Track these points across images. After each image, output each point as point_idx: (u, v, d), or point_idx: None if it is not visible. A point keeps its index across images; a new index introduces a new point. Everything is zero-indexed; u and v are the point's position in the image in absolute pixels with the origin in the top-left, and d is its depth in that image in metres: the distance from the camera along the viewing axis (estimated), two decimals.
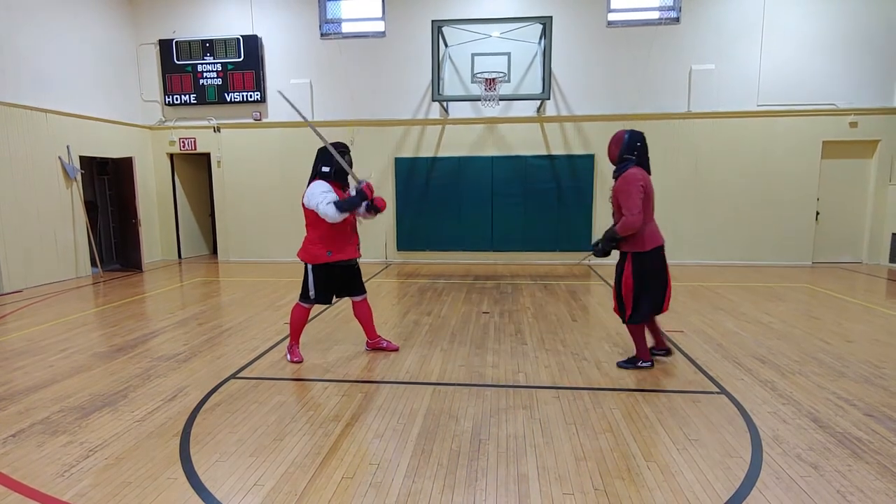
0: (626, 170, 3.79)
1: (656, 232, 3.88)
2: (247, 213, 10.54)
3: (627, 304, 3.88)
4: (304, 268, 4.21)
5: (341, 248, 4.11)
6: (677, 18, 9.36)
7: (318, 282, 4.14)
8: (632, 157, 3.81)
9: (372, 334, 4.62)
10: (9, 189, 7.55)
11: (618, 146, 3.84)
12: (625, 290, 3.87)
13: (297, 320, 4.32)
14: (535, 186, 9.86)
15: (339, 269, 4.22)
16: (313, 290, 4.15)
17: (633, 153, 3.81)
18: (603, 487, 2.49)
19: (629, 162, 3.81)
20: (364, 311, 4.51)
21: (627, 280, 3.84)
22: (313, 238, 4.11)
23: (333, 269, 4.17)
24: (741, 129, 9.42)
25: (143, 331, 5.38)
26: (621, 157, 3.83)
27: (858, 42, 9.03)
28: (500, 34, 9.07)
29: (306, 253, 4.15)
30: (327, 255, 4.08)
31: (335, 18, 10.06)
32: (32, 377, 4.04)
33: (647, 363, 4.06)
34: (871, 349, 4.58)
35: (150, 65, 10.36)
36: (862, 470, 2.62)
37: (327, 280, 4.17)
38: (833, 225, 9.62)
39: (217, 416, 3.31)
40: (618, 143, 3.84)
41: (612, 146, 3.90)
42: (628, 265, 3.84)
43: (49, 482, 2.57)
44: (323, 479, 2.57)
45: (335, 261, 4.11)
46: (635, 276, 3.82)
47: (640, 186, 3.70)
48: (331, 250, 4.08)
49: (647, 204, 3.79)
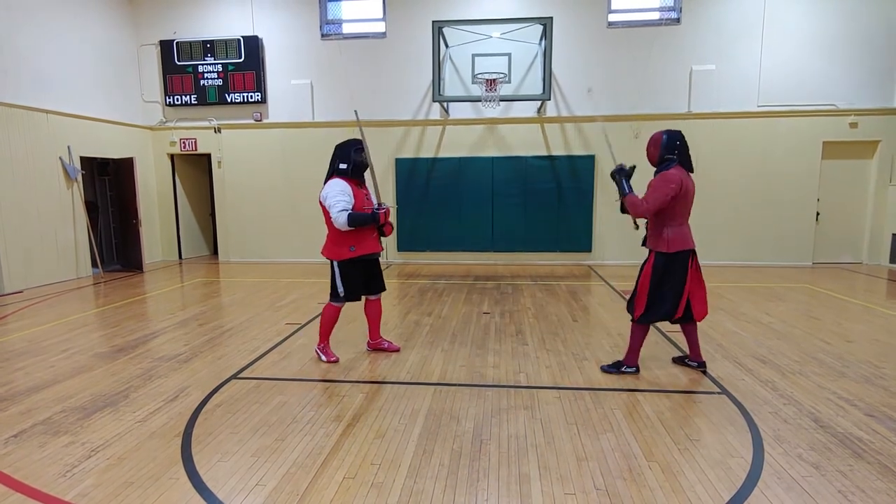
0: (668, 169, 3.71)
1: (687, 236, 3.78)
2: (247, 214, 10.55)
3: (640, 302, 3.81)
4: (329, 266, 4.21)
5: (363, 243, 4.12)
6: (678, 19, 9.37)
7: (344, 278, 4.15)
8: (673, 156, 3.74)
9: (375, 334, 4.63)
10: (9, 189, 7.56)
11: (657, 147, 3.77)
12: (640, 288, 3.81)
13: (328, 320, 4.31)
14: (535, 187, 9.87)
15: (364, 264, 4.23)
16: (342, 288, 4.16)
17: (675, 152, 3.74)
18: (605, 487, 2.49)
19: (671, 161, 3.74)
20: (376, 309, 4.53)
21: (645, 278, 3.78)
22: (335, 236, 4.12)
23: (358, 264, 4.18)
24: (741, 129, 9.43)
25: (144, 331, 5.38)
26: (662, 158, 3.75)
27: (859, 42, 9.04)
28: (501, 35, 9.07)
29: (330, 250, 4.17)
30: (350, 249, 4.10)
31: (336, 19, 10.07)
32: (34, 378, 4.05)
33: (632, 369, 3.99)
34: (871, 349, 4.58)
35: (151, 65, 10.37)
36: (863, 470, 2.62)
37: (353, 276, 4.17)
38: (833, 225, 9.62)
39: (218, 417, 3.31)
40: (656, 144, 3.77)
41: (650, 148, 3.82)
42: (649, 263, 3.78)
43: (51, 482, 2.58)
44: (325, 480, 2.58)
45: (359, 255, 4.12)
46: (654, 275, 3.74)
47: (673, 188, 3.63)
48: (353, 245, 4.09)
49: (682, 205, 3.73)
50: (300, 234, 10.31)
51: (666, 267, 3.72)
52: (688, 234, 3.79)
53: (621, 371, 4.01)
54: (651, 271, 3.75)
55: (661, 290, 3.75)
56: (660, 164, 3.78)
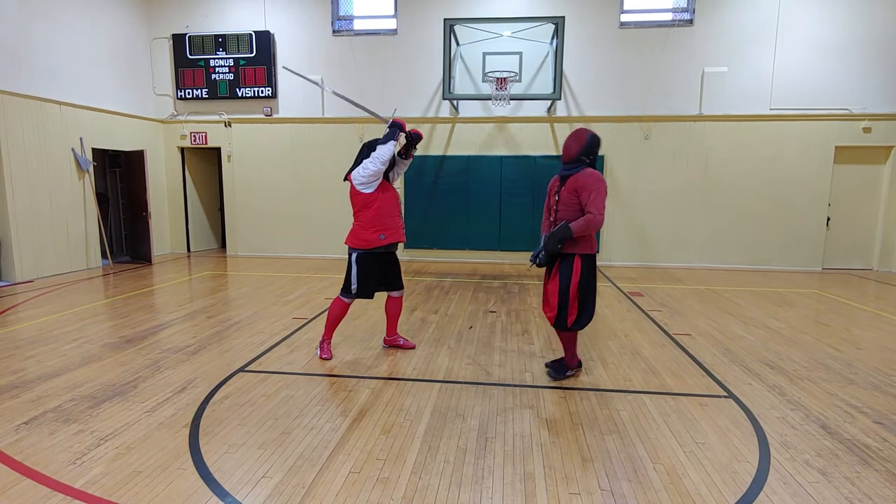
0: (580, 171, 3.56)
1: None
2: (256, 208, 10.59)
3: (573, 309, 3.67)
4: (347, 259, 4.19)
5: (393, 231, 4.11)
6: (691, 20, 9.31)
7: (360, 272, 4.11)
8: (586, 160, 3.59)
9: (392, 331, 4.63)
10: (23, 180, 7.64)
11: (579, 145, 3.57)
12: (572, 294, 3.65)
13: (335, 315, 4.29)
14: (543, 187, 9.83)
15: (384, 258, 4.22)
16: (356, 283, 4.13)
17: (590, 157, 3.60)
18: (609, 488, 2.49)
19: (583, 164, 3.59)
20: (396, 306, 4.52)
21: (575, 283, 3.63)
22: (364, 222, 4.07)
23: (378, 258, 4.16)
24: (753, 132, 9.36)
25: (153, 323, 5.43)
26: (578, 158, 3.58)
27: (873, 47, 8.94)
28: (512, 33, 9.05)
29: (357, 238, 4.10)
30: (380, 238, 4.06)
31: (347, 15, 10.08)
32: (45, 366, 4.10)
33: (574, 369, 3.97)
34: (880, 356, 4.54)
35: (163, 59, 10.43)
36: (871, 477, 2.61)
37: (370, 270, 4.14)
38: (844, 231, 9.54)
39: (226, 409, 3.34)
40: (580, 142, 3.58)
41: (572, 143, 3.60)
42: (577, 267, 3.62)
43: (61, 469, 2.61)
44: (330, 473, 2.59)
45: (388, 244, 4.10)
46: (583, 278, 3.63)
47: (606, 185, 3.55)
48: (384, 233, 4.07)
49: None
50: (308, 229, 10.35)
51: (591, 268, 3.67)
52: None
53: (567, 375, 3.93)
54: (580, 275, 3.63)
55: (591, 293, 3.69)
56: (574, 163, 3.59)
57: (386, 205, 4.08)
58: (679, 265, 9.72)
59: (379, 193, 4.07)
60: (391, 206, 4.11)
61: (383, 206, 4.07)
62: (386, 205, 4.08)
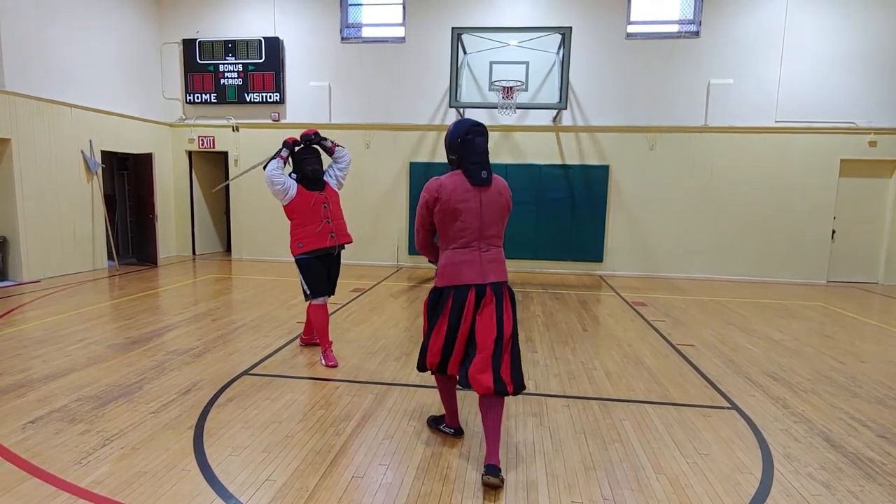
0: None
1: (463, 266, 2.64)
2: (261, 212, 10.63)
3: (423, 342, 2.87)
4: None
5: (310, 239, 4.22)
6: (697, 32, 9.36)
7: (304, 275, 4.27)
8: (454, 156, 2.66)
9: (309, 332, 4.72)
10: (32, 181, 7.71)
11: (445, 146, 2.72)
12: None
13: (315, 320, 4.32)
14: (548, 195, 9.87)
15: (324, 259, 4.31)
16: (305, 286, 4.29)
17: (456, 152, 2.64)
18: (612, 497, 2.49)
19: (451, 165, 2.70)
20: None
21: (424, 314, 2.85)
22: (291, 231, 4.30)
23: (312, 262, 4.26)
24: (758, 144, 9.38)
25: (158, 324, 5.46)
26: (449, 160, 2.72)
27: (879, 60, 8.97)
28: (519, 43, 9.11)
29: (291, 246, 4.32)
30: (298, 246, 4.24)
31: (356, 23, 10.18)
32: (51, 365, 4.13)
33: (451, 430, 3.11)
34: (885, 370, 4.53)
35: (173, 63, 10.54)
36: (874, 491, 2.60)
37: (313, 270, 4.26)
38: (849, 244, 9.51)
39: (230, 411, 3.36)
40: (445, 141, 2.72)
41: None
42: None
43: (67, 468, 2.63)
44: (333, 478, 2.60)
45: (307, 251, 4.22)
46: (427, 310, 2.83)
47: (425, 198, 2.65)
48: (301, 242, 4.23)
49: (451, 224, 2.62)
50: None
51: (434, 304, 2.76)
52: (465, 263, 2.63)
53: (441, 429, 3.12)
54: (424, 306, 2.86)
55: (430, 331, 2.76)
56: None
57: (305, 215, 4.21)
58: (683, 275, 9.71)
59: (295, 205, 4.22)
60: (312, 215, 4.21)
61: (302, 216, 4.22)
62: (305, 215, 4.21)
